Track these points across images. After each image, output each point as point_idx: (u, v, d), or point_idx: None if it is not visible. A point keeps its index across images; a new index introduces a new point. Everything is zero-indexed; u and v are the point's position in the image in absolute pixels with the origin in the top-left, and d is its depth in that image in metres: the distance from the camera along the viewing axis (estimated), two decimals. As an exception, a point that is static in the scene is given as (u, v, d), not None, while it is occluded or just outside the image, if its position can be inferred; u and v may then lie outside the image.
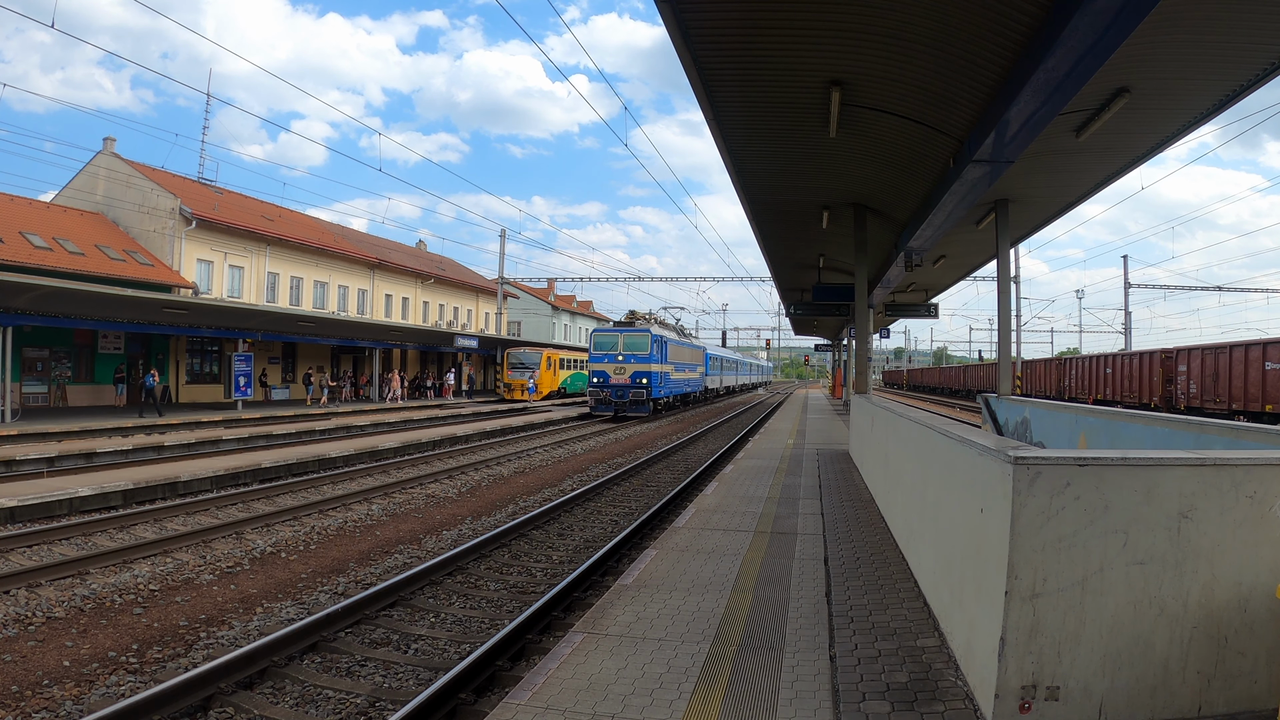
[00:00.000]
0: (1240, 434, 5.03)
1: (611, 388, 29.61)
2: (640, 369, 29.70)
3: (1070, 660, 3.16)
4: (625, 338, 30.36)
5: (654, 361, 30.10)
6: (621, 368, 29.75)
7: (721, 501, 9.22)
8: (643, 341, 30.14)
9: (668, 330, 34.23)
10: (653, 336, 30.16)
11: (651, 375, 29.76)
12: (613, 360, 29.91)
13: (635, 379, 29.56)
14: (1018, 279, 30.36)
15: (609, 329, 31.93)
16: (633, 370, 29.62)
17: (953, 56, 6.62)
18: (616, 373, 29.67)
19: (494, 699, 4.84)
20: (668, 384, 32.40)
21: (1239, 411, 21.28)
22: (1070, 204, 12.12)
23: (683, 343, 37.40)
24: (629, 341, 30.18)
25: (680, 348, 35.74)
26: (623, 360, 29.80)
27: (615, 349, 30.13)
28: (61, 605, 6.44)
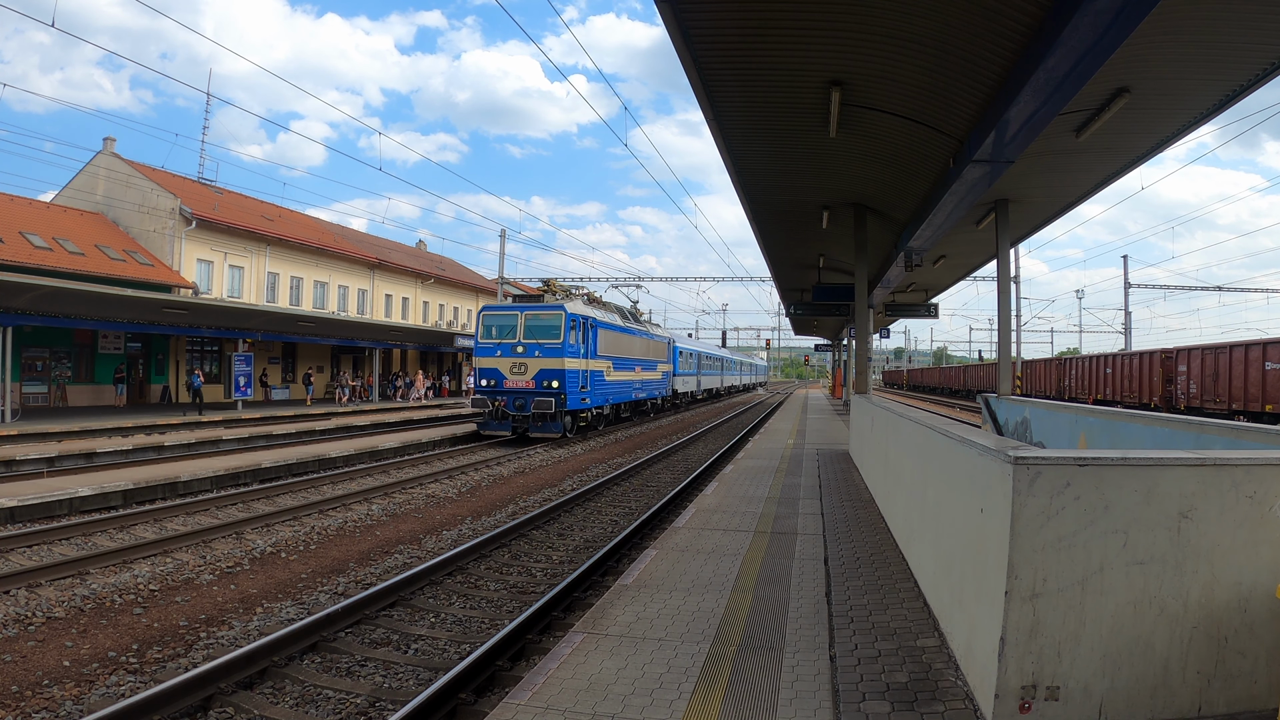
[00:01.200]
0: (1240, 434, 5.03)
1: (507, 394, 19.66)
2: (550, 365, 19.61)
3: (1070, 660, 3.16)
4: (528, 319, 20.09)
5: (572, 355, 20.04)
6: (522, 364, 19.78)
7: (721, 501, 9.22)
8: (553, 324, 19.88)
9: (603, 311, 23.91)
10: (569, 318, 19.95)
11: (567, 376, 19.66)
12: (509, 353, 19.99)
13: (542, 381, 19.53)
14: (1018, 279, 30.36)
15: (503, 307, 21.57)
16: (539, 368, 19.60)
17: (952, 56, 6.62)
18: (515, 371, 19.79)
19: (494, 699, 4.84)
20: (601, 388, 22.64)
21: (1239, 411, 21.28)
22: (1070, 204, 12.12)
23: (631, 330, 26.71)
24: (533, 325, 20.00)
25: (626, 337, 25.61)
26: (523, 353, 19.80)
27: (512, 335, 20.14)
28: (61, 605, 6.44)
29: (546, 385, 19.50)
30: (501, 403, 19.64)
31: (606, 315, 23.93)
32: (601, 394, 22.81)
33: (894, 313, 25.42)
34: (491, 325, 20.65)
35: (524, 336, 19.96)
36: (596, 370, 22.09)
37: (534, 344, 19.79)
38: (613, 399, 24.25)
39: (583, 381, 20.82)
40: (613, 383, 24.00)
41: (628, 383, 26.27)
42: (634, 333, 27.47)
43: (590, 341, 21.40)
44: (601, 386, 22.72)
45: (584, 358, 20.87)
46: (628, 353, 25.99)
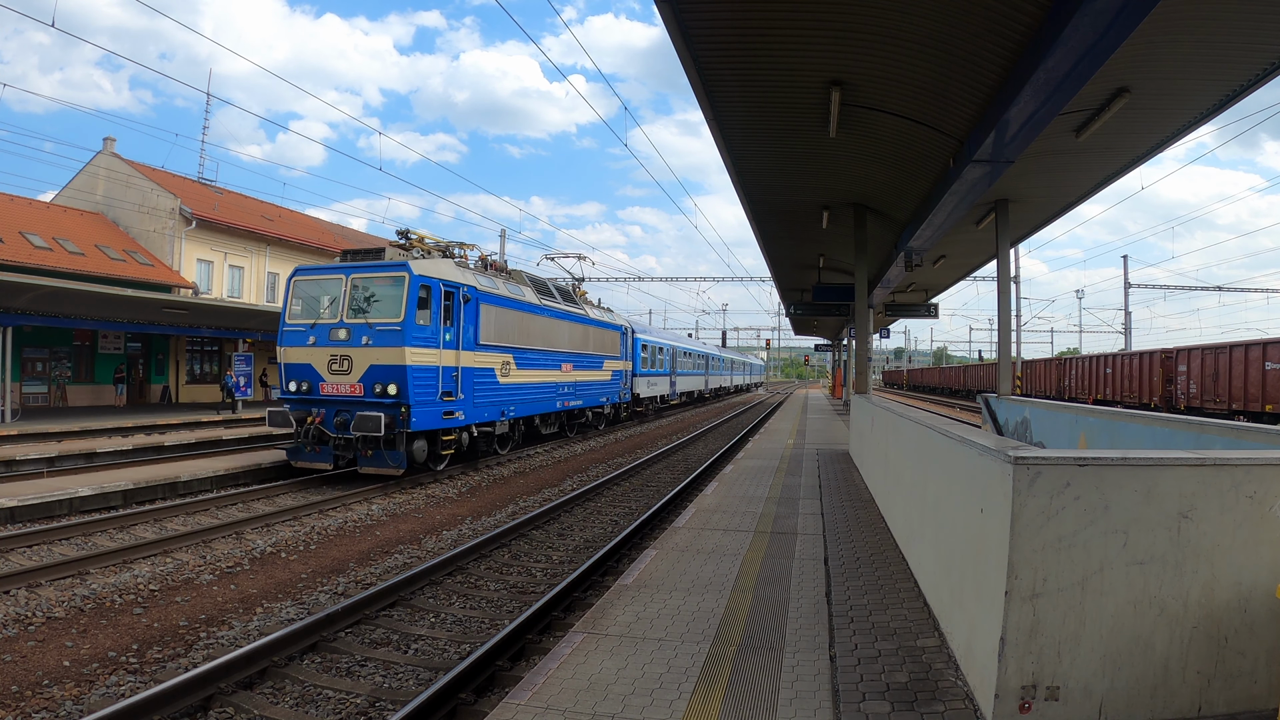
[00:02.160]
0: (1240, 434, 5.04)
1: (325, 404, 12.62)
2: (383, 358, 12.41)
3: (1070, 660, 3.16)
4: (354, 285, 12.89)
5: (422, 342, 12.81)
6: (343, 356, 12.59)
7: (721, 501, 9.22)
8: (389, 293, 12.69)
9: (495, 279, 15.97)
10: (416, 283, 12.64)
11: (411, 375, 12.42)
12: (326, 339, 12.72)
13: (373, 384, 12.41)
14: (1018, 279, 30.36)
15: (322, 268, 13.76)
16: (368, 362, 12.45)
17: (952, 56, 6.62)
18: (335, 368, 12.62)
19: (494, 699, 4.85)
20: (488, 394, 15.08)
21: (1239, 411, 21.29)
22: (1070, 204, 12.12)
23: (553, 312, 18.61)
24: (362, 294, 12.86)
25: (541, 320, 17.68)
26: (346, 339, 12.61)
27: (334, 314, 12.86)
28: (61, 605, 6.44)
29: (379, 390, 12.06)
30: (318, 417, 12.16)
31: (502, 286, 15.82)
32: (490, 403, 15.01)
33: (894, 313, 25.41)
34: (304, 296, 13.08)
35: (348, 314, 12.42)
36: (478, 368, 14.40)
37: (361, 325, 12.31)
38: (515, 410, 16.25)
39: (446, 384, 13.20)
40: (514, 386, 16.05)
41: (546, 386, 18.07)
42: (559, 315, 18.91)
43: (464, 322, 13.86)
44: (490, 392, 14.97)
45: (448, 347, 13.32)
46: (546, 343, 17.90)
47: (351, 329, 12.60)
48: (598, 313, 23.54)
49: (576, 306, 21.19)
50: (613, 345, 24.34)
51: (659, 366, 32.23)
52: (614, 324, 24.94)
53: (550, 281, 20.32)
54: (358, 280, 12.91)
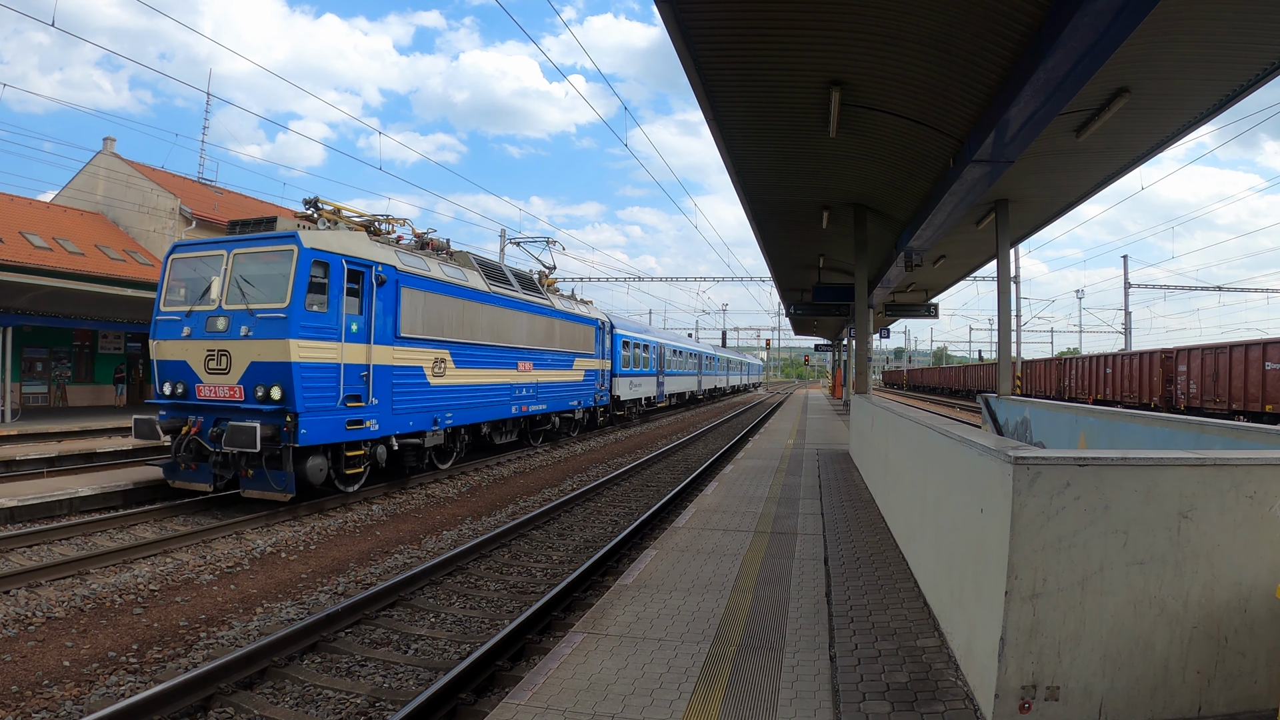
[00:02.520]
0: (1240, 434, 5.04)
1: (201, 410, 10.07)
2: (265, 354, 9.76)
3: (1070, 660, 3.16)
4: (236, 262, 10.29)
5: (317, 332, 10.12)
6: (222, 352, 10.00)
7: (721, 501, 9.22)
8: (276, 272, 10.07)
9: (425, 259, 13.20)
10: (307, 258, 9.97)
11: (299, 375, 9.72)
12: (202, 330, 10.16)
13: (254, 386, 9.81)
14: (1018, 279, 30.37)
15: (203, 243, 11.29)
16: (249, 359, 9.83)
17: (952, 56, 6.62)
18: (212, 366, 10.04)
19: (494, 699, 4.85)
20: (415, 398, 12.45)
21: (1239, 411, 21.29)
22: (1070, 204, 12.12)
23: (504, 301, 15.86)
24: (245, 273, 10.26)
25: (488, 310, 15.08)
26: (224, 329, 10.01)
27: (211, 299, 10.26)
28: (61, 605, 6.44)
29: (260, 394, 9.64)
30: (194, 427, 9.80)
31: (435, 267, 13.04)
32: (417, 409, 12.28)
33: (894, 313, 25.42)
34: (185, 278, 10.62)
35: (228, 298, 9.97)
36: (400, 366, 11.75)
37: (241, 312, 9.82)
38: (454, 418, 13.52)
39: (351, 386, 10.61)
40: (451, 389, 13.32)
41: (497, 389, 15.21)
42: (515, 305, 16.14)
43: (379, 310, 11.22)
44: (416, 395, 12.26)
45: (355, 340, 10.71)
46: (497, 337, 15.16)
47: (231, 317, 9.89)
48: (567, 304, 20.24)
49: (539, 296, 18.05)
50: (586, 341, 21.08)
51: (644, 366, 29.06)
52: (588, 317, 21.57)
53: (506, 266, 17.22)
54: (241, 256, 10.19)
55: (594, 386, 22.11)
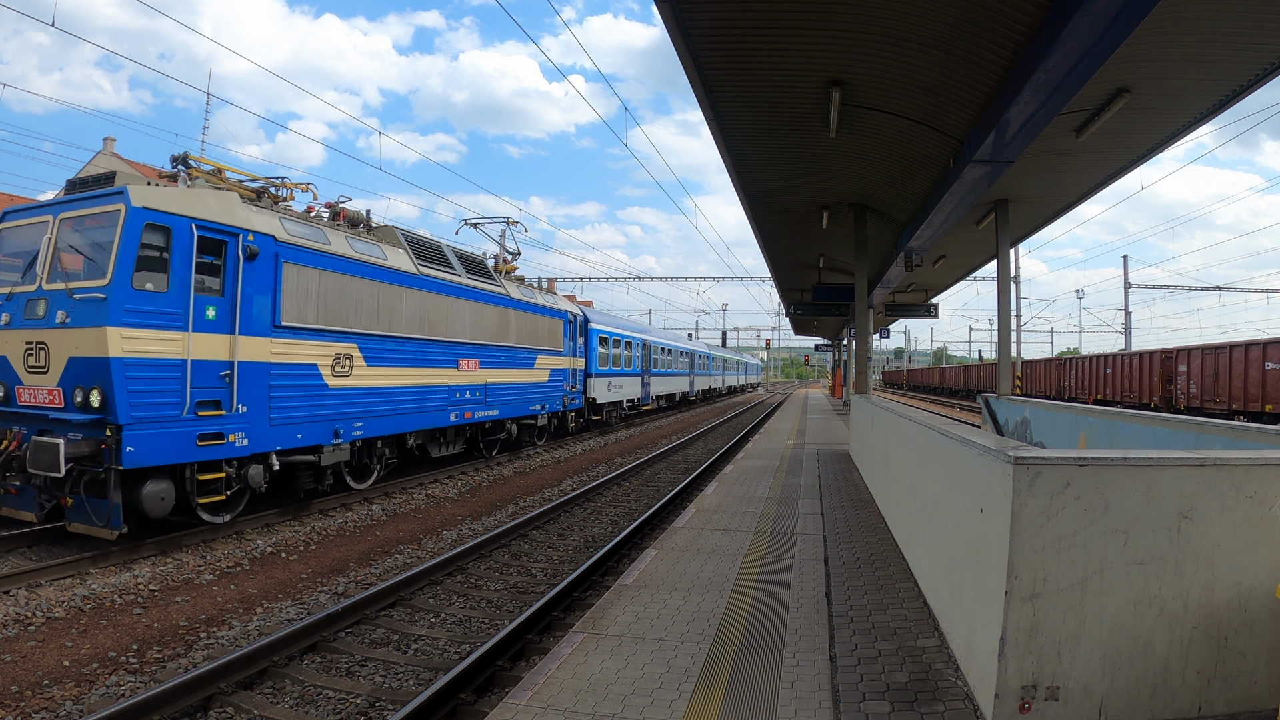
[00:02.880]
0: (1240, 434, 5.04)
1: (21, 419, 7.82)
2: (85, 349, 7.44)
3: (1070, 660, 3.16)
4: (61, 230, 7.99)
5: (151, 320, 7.71)
6: (40, 344, 7.73)
7: (721, 501, 9.22)
8: (98, 241, 7.76)
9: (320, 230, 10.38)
10: (136, 218, 7.59)
11: (122, 374, 7.35)
12: (20, 317, 7.91)
13: (75, 387, 7.49)
14: (1018, 279, 30.37)
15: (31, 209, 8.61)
16: (69, 354, 7.55)
17: (953, 56, 6.62)
18: (33, 363, 7.74)
19: (494, 699, 4.85)
20: (303, 404, 9.73)
21: (1239, 411, 21.29)
22: (1070, 204, 12.13)
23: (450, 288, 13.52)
24: (67, 243, 8.02)
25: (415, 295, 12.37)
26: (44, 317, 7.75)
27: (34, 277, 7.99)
28: (61, 605, 6.44)
29: (80, 399, 7.59)
30: (14, 441, 7.85)
31: (340, 241, 10.67)
32: (310, 418, 9.90)
33: (894, 313, 25.42)
34: (15, 250, 8.60)
35: (48, 276, 8.01)
36: (283, 364, 9.41)
37: (60, 293, 7.83)
38: (366, 428, 10.99)
39: (204, 389, 8.39)
40: (360, 392, 10.84)
41: (428, 392, 12.59)
42: (456, 292, 13.47)
43: (249, 291, 8.96)
44: (309, 400, 9.89)
45: (209, 329, 8.47)
46: (429, 329, 12.60)
47: (50, 299, 7.80)
48: (529, 293, 17.48)
49: (491, 282, 15.15)
50: (552, 337, 18.35)
51: (626, 365, 26.03)
52: (555, 309, 18.77)
53: (448, 247, 14.23)
54: (66, 222, 8.07)
55: (562, 388, 19.19)
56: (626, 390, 26.02)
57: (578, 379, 20.66)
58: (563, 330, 19.26)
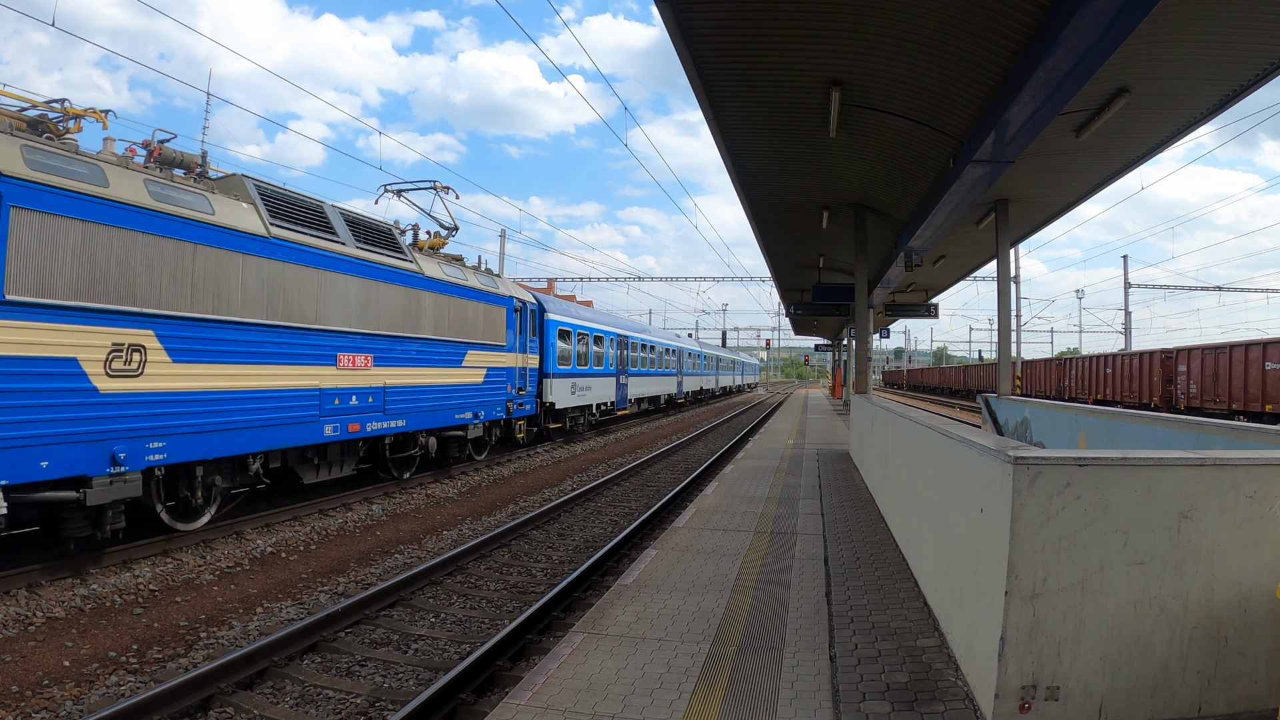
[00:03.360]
0: (1240, 434, 5.04)
1: None
2: None
3: (1070, 660, 3.16)
4: None
5: None
6: None
7: (721, 501, 9.22)
8: None
9: (99, 170, 7.34)
10: None
11: None
12: None
13: None
14: (1018, 279, 30.37)
15: None
16: None
17: (953, 56, 6.62)
18: None
19: (494, 699, 4.85)
20: (43, 415, 6.50)
21: (1239, 411, 21.29)
22: (1070, 204, 12.13)
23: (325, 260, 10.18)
24: None
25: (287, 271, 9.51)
26: None
27: None
28: (61, 605, 6.44)
29: None
30: None
31: (127, 185, 7.68)
32: (58, 437, 6.72)
33: (894, 313, 25.43)
34: None
35: None
36: (6, 358, 6.34)
37: None
38: (165, 452, 7.83)
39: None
40: (157, 399, 7.74)
41: (283, 398, 9.56)
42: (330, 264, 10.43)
43: None
44: (57, 412, 6.73)
45: None
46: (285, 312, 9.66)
47: None
48: (452, 272, 13.59)
49: (395, 256, 11.75)
50: (491, 328, 14.90)
51: (596, 363, 22.60)
52: (493, 294, 15.15)
53: (333, 208, 10.90)
54: None
55: (504, 391, 15.42)
56: (597, 393, 22.59)
57: (529, 380, 17.03)
58: (505, 320, 15.61)
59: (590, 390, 21.85)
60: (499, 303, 15.52)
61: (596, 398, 22.49)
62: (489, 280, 15.52)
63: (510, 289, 16.74)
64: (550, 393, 18.54)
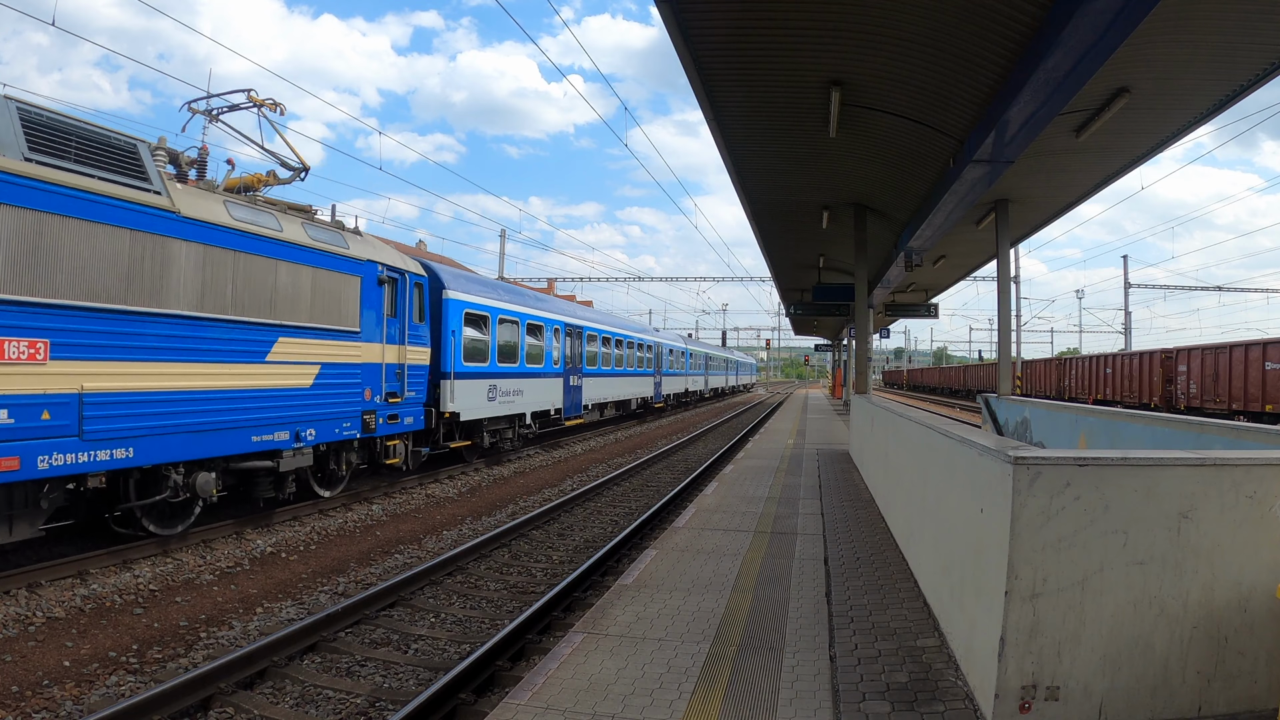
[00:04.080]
0: (1240, 434, 5.04)
1: None
2: None
3: (1070, 660, 3.16)
4: None
5: None
6: None
7: (721, 501, 9.22)
8: None
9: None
10: None
11: None
12: None
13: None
14: (1018, 279, 30.37)
15: None
16: None
17: (952, 56, 6.62)
18: None
19: (494, 699, 4.84)
20: None
21: (1239, 411, 21.29)
22: (1070, 204, 12.13)
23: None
24: None
25: None
26: None
27: None
28: (61, 605, 6.44)
29: None
30: None
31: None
32: None
33: (894, 313, 25.43)
34: None
35: None
36: None
37: None
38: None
39: None
40: None
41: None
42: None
43: None
44: None
45: None
46: None
47: None
48: (251, 217, 9.04)
49: (133, 182, 7.54)
50: (331, 306, 10.26)
51: (533, 360, 17.40)
52: (338, 256, 10.38)
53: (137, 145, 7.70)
54: None
55: (356, 397, 10.66)
56: (534, 397, 17.28)
57: (409, 382, 11.84)
58: (359, 295, 10.68)
59: (522, 395, 16.61)
60: (347, 269, 10.39)
61: (533, 404, 17.33)
62: (330, 236, 10.31)
63: (374, 251, 11.17)
64: (452, 399, 13.34)
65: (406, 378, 11.83)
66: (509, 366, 16.09)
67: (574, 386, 20.42)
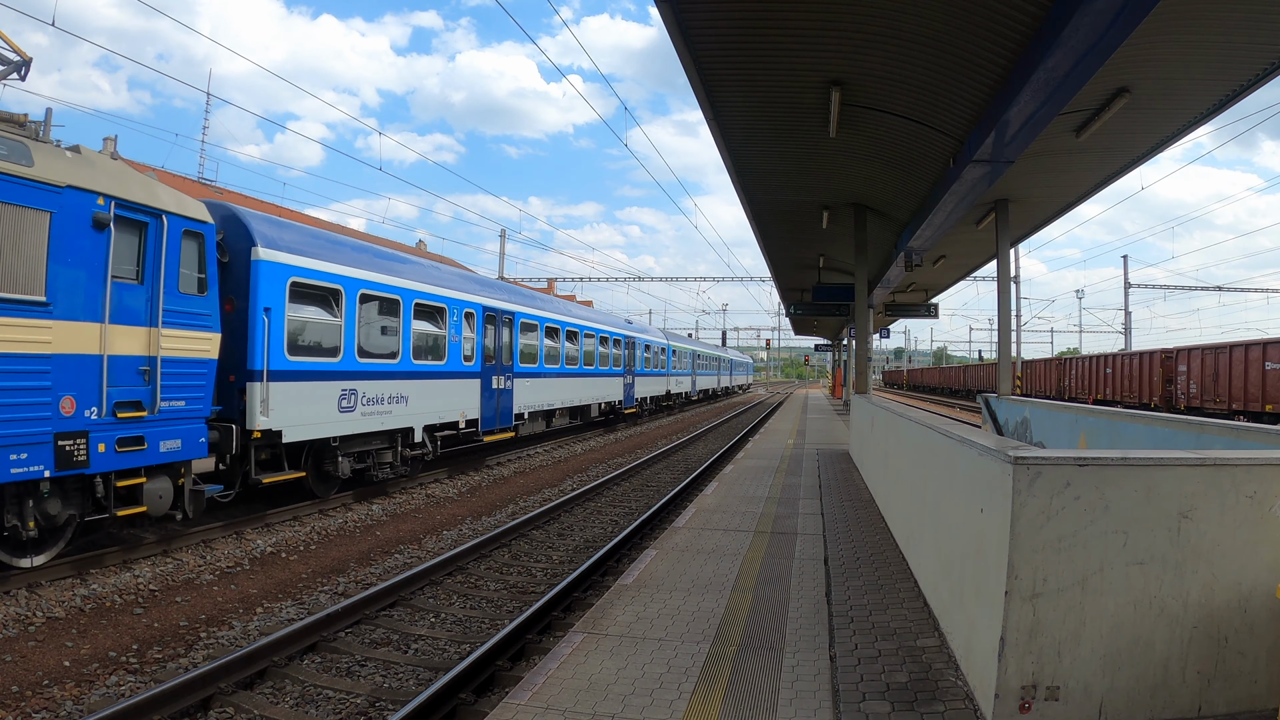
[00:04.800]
0: (1240, 434, 5.04)
1: None
2: None
3: (1070, 660, 3.16)
4: None
5: None
6: None
7: (721, 501, 9.22)
8: None
9: None
10: None
11: None
12: None
13: None
14: (1018, 279, 30.36)
15: None
16: None
17: (952, 56, 6.62)
18: None
19: (494, 699, 4.84)
20: None
21: (1239, 411, 21.29)
22: (1070, 204, 12.13)
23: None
24: None
25: None
26: None
27: None
28: (61, 605, 6.44)
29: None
30: None
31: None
32: None
33: (894, 313, 25.43)
34: None
35: None
36: None
37: None
38: None
39: None
40: None
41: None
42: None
43: None
44: None
45: None
46: None
47: None
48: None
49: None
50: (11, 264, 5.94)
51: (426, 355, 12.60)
52: (7, 175, 5.91)
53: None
54: None
55: (45, 412, 6.28)
56: (424, 404, 12.43)
57: (180, 386, 7.68)
58: (48, 243, 6.36)
59: (406, 402, 11.92)
60: (14, 198, 6.10)
61: (428, 414, 12.58)
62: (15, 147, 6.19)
63: (88, 175, 6.98)
64: (266, 410, 9.03)
65: (160, 378, 7.39)
66: (383, 364, 11.35)
67: (498, 390, 15.35)
